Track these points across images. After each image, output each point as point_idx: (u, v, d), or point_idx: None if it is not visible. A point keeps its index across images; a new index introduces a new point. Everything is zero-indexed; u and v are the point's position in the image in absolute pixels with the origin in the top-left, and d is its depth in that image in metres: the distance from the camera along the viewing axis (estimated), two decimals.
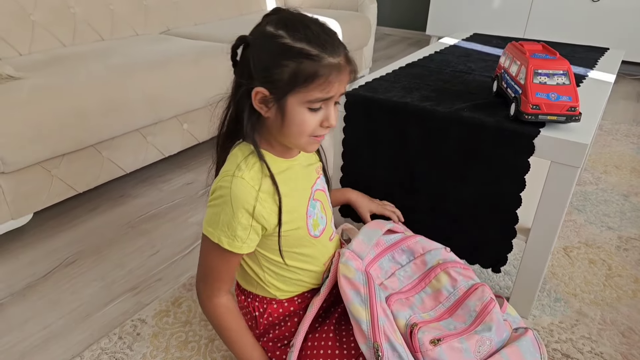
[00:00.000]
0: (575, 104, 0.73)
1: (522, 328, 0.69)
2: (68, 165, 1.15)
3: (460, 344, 0.61)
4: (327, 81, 0.57)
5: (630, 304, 0.95)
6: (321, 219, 0.73)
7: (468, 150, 0.82)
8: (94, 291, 0.99)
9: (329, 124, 0.61)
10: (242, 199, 0.61)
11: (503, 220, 0.83)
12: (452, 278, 0.71)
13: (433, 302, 0.69)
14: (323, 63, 0.57)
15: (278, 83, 0.58)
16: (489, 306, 0.66)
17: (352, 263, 0.68)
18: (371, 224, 0.77)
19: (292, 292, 0.74)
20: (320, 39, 0.57)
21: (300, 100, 0.59)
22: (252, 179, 0.62)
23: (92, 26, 1.56)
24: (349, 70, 0.61)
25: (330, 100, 0.61)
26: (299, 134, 0.61)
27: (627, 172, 1.52)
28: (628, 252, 1.12)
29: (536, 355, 0.65)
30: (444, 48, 1.36)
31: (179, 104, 1.36)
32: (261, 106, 0.61)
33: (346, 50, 0.61)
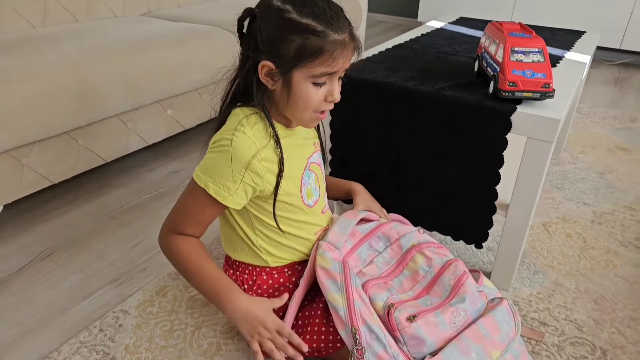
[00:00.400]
0: (549, 81, 0.76)
1: (497, 298, 0.72)
2: (40, 154, 1.09)
3: (436, 318, 0.64)
4: (332, 57, 0.60)
5: (602, 273, 1.00)
6: (315, 189, 0.76)
7: (449, 128, 0.84)
8: (72, 285, 0.95)
9: (332, 99, 0.64)
10: (241, 153, 0.63)
11: (483, 197, 0.86)
12: (427, 258, 0.74)
13: (411, 283, 0.71)
14: (328, 39, 0.59)
15: (284, 57, 0.60)
16: (462, 279, 0.69)
17: (328, 254, 0.70)
18: (346, 214, 0.79)
19: (283, 260, 0.76)
20: (326, 15, 0.60)
21: (306, 75, 0.61)
22: (254, 136, 0.64)
23: (64, 6, 1.48)
24: (353, 46, 0.63)
25: (335, 75, 0.63)
26: (305, 108, 0.64)
27: (603, 152, 1.57)
28: (601, 226, 1.17)
29: (510, 323, 0.68)
30: (431, 31, 1.38)
31: (162, 88, 1.31)
32: (267, 79, 0.64)
33: (351, 27, 0.63)
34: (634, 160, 1.51)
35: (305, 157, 0.74)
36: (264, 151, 0.65)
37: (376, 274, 0.72)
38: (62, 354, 0.79)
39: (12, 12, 1.37)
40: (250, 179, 0.65)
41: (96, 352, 0.80)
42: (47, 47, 1.18)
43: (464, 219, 0.91)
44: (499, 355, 0.63)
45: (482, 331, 0.65)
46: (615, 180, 1.39)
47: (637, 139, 1.68)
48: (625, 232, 1.15)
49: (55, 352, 0.80)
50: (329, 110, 0.69)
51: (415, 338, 0.62)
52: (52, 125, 1.07)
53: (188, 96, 1.44)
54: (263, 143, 0.65)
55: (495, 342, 0.64)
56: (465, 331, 0.64)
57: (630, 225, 1.17)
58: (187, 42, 1.38)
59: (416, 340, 0.62)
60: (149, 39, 1.32)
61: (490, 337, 0.64)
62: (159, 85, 1.30)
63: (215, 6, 1.88)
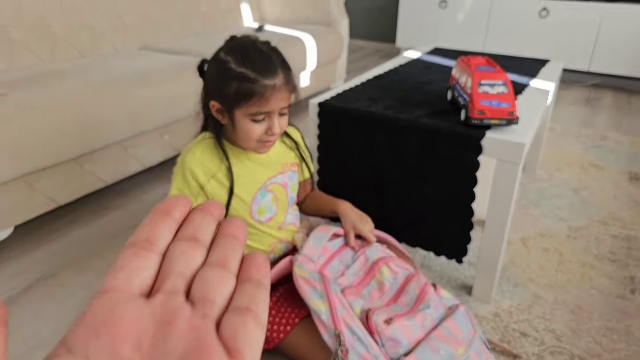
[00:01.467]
0: (513, 110, 0.85)
1: (454, 305, 0.80)
2: (50, 178, 1.18)
3: (409, 321, 0.72)
4: (263, 98, 0.71)
5: (578, 285, 1.07)
6: (269, 208, 0.84)
7: (427, 152, 0.91)
8: (77, 301, 1.01)
9: (271, 132, 0.75)
10: (188, 168, 0.76)
11: (460, 214, 0.93)
12: (392, 271, 0.82)
13: (379, 293, 0.79)
14: (259, 84, 0.71)
15: (227, 98, 0.73)
16: (425, 288, 0.79)
17: (305, 266, 0.77)
18: (319, 229, 0.86)
19: None
20: (257, 65, 0.71)
21: (244, 114, 0.73)
22: (201, 152, 0.77)
23: (71, 43, 1.60)
24: (287, 89, 0.74)
25: (271, 114, 0.74)
26: (247, 140, 0.76)
27: (577, 169, 1.67)
28: (577, 240, 1.24)
29: (469, 324, 0.77)
30: (408, 61, 1.48)
31: (159, 116, 1.41)
32: (218, 115, 0.76)
33: (286, 72, 0.74)
34: (606, 177, 1.61)
35: (264, 178, 0.83)
36: (210, 168, 0.77)
37: (348, 284, 0.79)
38: None
39: (24, 50, 1.47)
40: (195, 182, 0.77)
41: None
42: (57, 82, 1.28)
43: (444, 235, 0.97)
44: (464, 351, 0.71)
45: (447, 332, 0.73)
46: (589, 196, 1.48)
47: (608, 156, 1.78)
48: (599, 245, 1.22)
49: None
50: (274, 139, 0.78)
51: (392, 340, 0.69)
52: (61, 152, 1.17)
53: (183, 123, 1.53)
54: (212, 160, 0.77)
55: (460, 340, 0.72)
56: (432, 332, 0.72)
57: (604, 239, 1.25)
58: (182, 73, 1.48)
59: (393, 341, 0.69)
60: (147, 72, 1.42)
61: (454, 337, 0.72)
62: (157, 114, 1.40)
63: (205, 39, 1.99)
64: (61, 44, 1.57)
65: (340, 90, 1.13)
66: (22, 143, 1.07)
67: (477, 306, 0.99)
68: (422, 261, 1.14)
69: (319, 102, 1.03)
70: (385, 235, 0.95)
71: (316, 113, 1.03)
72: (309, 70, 2.12)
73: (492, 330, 0.93)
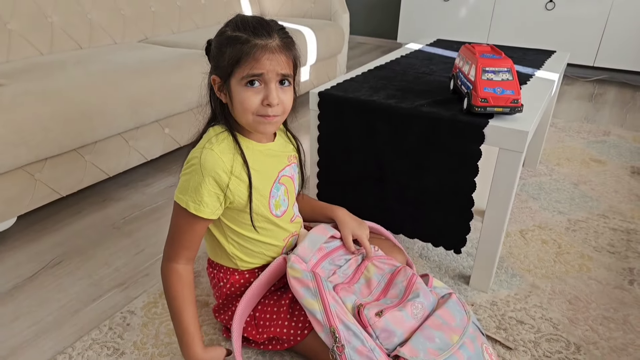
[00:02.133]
0: (517, 97, 0.84)
1: (447, 294, 0.81)
2: (51, 169, 1.18)
3: (400, 312, 0.72)
4: (254, 58, 0.67)
5: (576, 276, 1.07)
6: (283, 201, 0.82)
7: (428, 141, 0.91)
8: (82, 289, 1.02)
9: (268, 102, 0.70)
10: (209, 168, 0.71)
11: (460, 204, 0.93)
12: (378, 268, 0.83)
13: (368, 290, 0.79)
14: (250, 43, 0.67)
15: (223, 68, 0.70)
16: (412, 279, 0.79)
17: (297, 265, 0.77)
18: (316, 230, 0.85)
19: (253, 264, 0.83)
20: (252, 26, 0.68)
21: (237, 80, 0.69)
22: (221, 152, 0.72)
23: (69, 35, 1.59)
24: (285, 54, 0.70)
25: (266, 78, 0.69)
26: (243, 112, 0.71)
27: (578, 164, 1.67)
28: (576, 233, 1.24)
29: (462, 312, 0.77)
30: (410, 52, 1.47)
31: (161, 108, 1.40)
32: (220, 94, 0.73)
33: (285, 39, 0.71)
34: (607, 172, 1.61)
35: (277, 171, 0.81)
36: (229, 163, 0.72)
37: (338, 283, 0.80)
38: (75, 349, 0.86)
39: (22, 40, 1.47)
40: (221, 190, 0.72)
41: (107, 348, 0.86)
42: (56, 72, 1.27)
43: (443, 226, 0.97)
44: (458, 338, 0.71)
45: (440, 320, 0.73)
46: (589, 190, 1.48)
47: (610, 151, 1.78)
48: (598, 238, 1.22)
49: (70, 348, 0.86)
50: (275, 115, 0.72)
51: (385, 331, 0.69)
52: (63, 143, 1.16)
53: (184, 116, 1.53)
54: (229, 158, 0.73)
55: (453, 328, 0.73)
56: (426, 321, 0.73)
57: (604, 232, 1.25)
58: (183, 66, 1.47)
59: (387, 332, 0.69)
60: (148, 64, 1.41)
61: (448, 324, 0.73)
62: (158, 106, 1.40)
63: (206, 33, 1.98)
64: (59, 36, 1.56)
65: (340, 80, 1.13)
66: (23, 132, 1.07)
67: (474, 295, 1.00)
68: (421, 252, 1.15)
69: (319, 92, 1.03)
70: (376, 226, 0.96)
71: (316, 103, 1.03)
72: (309, 64, 2.11)
73: (489, 318, 0.93)
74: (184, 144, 1.57)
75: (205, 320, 0.92)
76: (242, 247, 0.81)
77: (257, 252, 0.82)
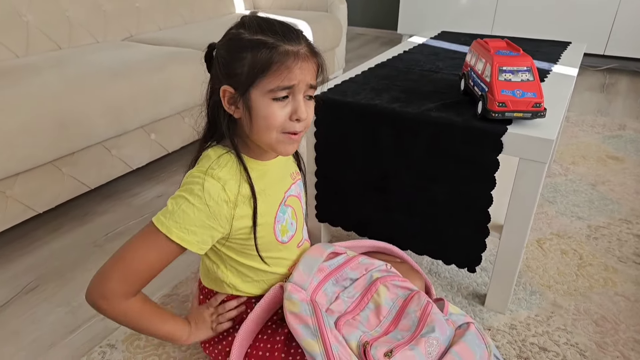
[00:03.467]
0: (540, 100, 0.74)
1: (464, 324, 0.71)
2: (24, 184, 1.08)
3: (412, 350, 0.62)
4: (285, 67, 0.56)
5: (601, 292, 0.97)
6: (291, 225, 0.72)
7: (438, 150, 0.81)
8: (58, 318, 0.93)
9: (297, 117, 0.59)
10: (209, 197, 0.60)
11: (475, 220, 0.83)
12: (390, 292, 0.72)
13: (377, 319, 0.69)
14: (279, 50, 0.57)
15: (240, 77, 0.58)
16: (427, 309, 0.68)
17: (295, 296, 0.67)
18: (311, 251, 0.75)
19: (248, 294, 0.74)
20: (276, 29, 0.58)
21: (262, 92, 0.58)
22: (225, 180, 0.61)
23: (47, 35, 1.48)
24: (314, 61, 0.60)
25: (295, 90, 0.59)
26: (267, 129, 0.60)
27: (594, 162, 1.56)
28: (597, 241, 1.15)
29: (482, 345, 0.67)
30: (413, 47, 1.36)
31: (145, 113, 1.30)
32: (230, 107, 0.61)
33: (310, 44, 0.60)
34: (626, 170, 1.50)
35: (282, 191, 0.71)
36: (232, 196, 0.61)
37: (342, 310, 0.70)
38: None
39: None
40: (219, 224, 0.62)
41: None
42: (29, 78, 1.16)
43: (455, 242, 0.87)
44: None
45: (458, 358, 0.64)
46: (609, 191, 1.37)
47: (628, 147, 1.67)
48: (622, 246, 1.12)
49: None
50: (301, 131, 0.63)
51: None
52: (35, 156, 1.06)
53: (171, 120, 1.43)
54: (234, 187, 0.62)
55: None
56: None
57: (628, 239, 1.15)
58: (168, 66, 1.37)
59: None
60: (130, 64, 1.31)
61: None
62: (141, 111, 1.29)
63: (195, 29, 1.87)
64: (36, 36, 1.45)
65: (339, 81, 1.02)
66: None
67: (491, 317, 0.90)
68: (430, 267, 1.05)
69: (316, 95, 0.92)
70: (389, 247, 0.85)
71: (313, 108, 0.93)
72: None
73: (508, 344, 0.84)
74: (172, 150, 1.47)
75: (194, 354, 0.83)
76: (241, 275, 0.72)
77: (257, 281, 0.73)
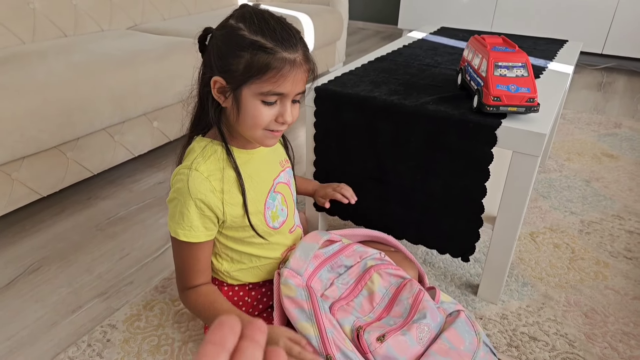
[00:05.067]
0: (534, 95, 0.76)
1: (455, 311, 0.74)
2: (29, 168, 1.11)
3: (404, 336, 0.65)
4: (280, 74, 0.59)
5: (592, 285, 1.00)
6: (281, 211, 0.75)
7: (434, 142, 0.83)
8: (61, 298, 0.95)
9: (283, 120, 0.63)
10: (196, 190, 0.63)
11: (470, 210, 0.85)
12: (384, 279, 0.75)
13: (370, 305, 0.72)
14: (277, 56, 0.58)
15: (234, 73, 0.60)
16: (419, 296, 0.71)
17: (291, 281, 0.69)
18: (307, 238, 0.78)
19: (242, 282, 0.77)
20: (277, 34, 0.59)
21: (254, 92, 0.60)
22: (209, 172, 0.65)
23: (53, 22, 1.50)
24: (306, 68, 0.62)
25: (285, 97, 0.62)
26: (253, 127, 0.63)
27: (589, 159, 1.58)
28: (590, 236, 1.17)
29: (471, 332, 0.70)
30: (412, 42, 1.38)
31: (148, 101, 1.32)
32: (219, 96, 0.63)
33: (305, 49, 0.62)
34: (620, 167, 1.52)
35: (270, 179, 0.73)
36: (218, 183, 0.65)
37: (337, 296, 0.72)
38: None
39: (2, 29, 1.37)
40: (212, 212, 0.66)
41: None
42: (36, 64, 1.18)
43: (450, 232, 0.90)
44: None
45: (448, 345, 0.66)
46: (602, 187, 1.40)
47: (622, 145, 1.70)
48: (614, 242, 1.15)
49: None
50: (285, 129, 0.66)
51: (387, 358, 0.62)
52: (41, 140, 1.08)
53: (173, 108, 1.45)
54: (218, 177, 0.65)
55: (462, 353, 0.66)
56: (432, 347, 0.65)
57: (619, 234, 1.17)
58: (171, 55, 1.38)
59: (389, 359, 0.62)
60: (134, 53, 1.32)
61: (456, 350, 0.66)
62: (145, 99, 1.31)
63: (198, 19, 1.89)
64: (42, 23, 1.47)
65: (339, 73, 1.04)
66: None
67: (483, 307, 0.93)
68: (425, 257, 1.08)
69: (316, 87, 0.94)
70: (384, 236, 0.88)
71: (312, 99, 0.94)
72: None
73: (499, 333, 0.87)
74: (173, 138, 1.50)
75: (192, 336, 0.85)
76: (235, 262, 0.75)
77: (252, 268, 0.75)
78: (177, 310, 0.91)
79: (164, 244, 1.13)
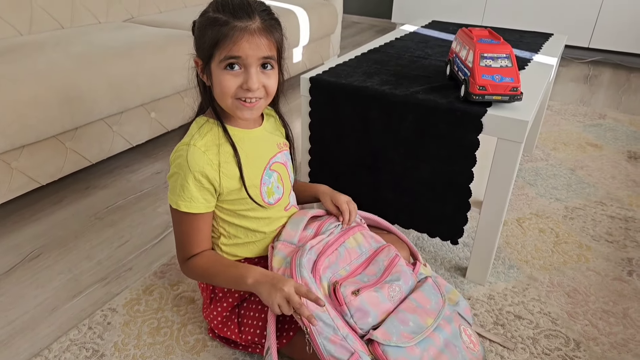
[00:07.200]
0: (517, 85, 0.80)
1: (423, 277, 0.81)
2: (29, 157, 1.12)
3: (376, 292, 0.71)
4: (233, 41, 0.64)
5: (575, 267, 1.05)
6: (277, 188, 0.79)
7: (424, 130, 0.87)
8: (61, 284, 0.97)
9: (247, 87, 0.67)
10: (195, 164, 0.68)
11: (458, 195, 0.89)
12: (366, 240, 0.81)
13: (348, 258, 0.77)
14: (229, 25, 0.64)
15: (204, 50, 0.67)
16: (394, 260, 0.77)
17: (282, 253, 0.74)
18: (296, 214, 0.82)
19: (238, 257, 0.80)
20: (233, 8, 0.65)
21: (217, 63, 0.67)
22: (205, 147, 0.70)
23: (50, 14, 1.51)
24: (267, 37, 0.66)
25: (246, 62, 0.66)
26: (222, 96, 0.68)
27: (574, 148, 1.63)
28: (573, 221, 1.22)
29: (437, 295, 0.77)
30: (404, 35, 1.41)
31: (146, 92, 1.34)
32: (203, 75, 0.70)
33: (266, 20, 0.67)
34: (604, 156, 1.58)
35: (266, 158, 0.78)
36: (215, 157, 0.70)
37: (322, 244, 0.76)
38: (52, 351, 0.81)
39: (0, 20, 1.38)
40: (210, 183, 0.70)
41: (86, 349, 0.82)
42: (35, 54, 1.19)
43: (439, 216, 0.94)
44: (433, 321, 0.71)
45: (415, 304, 0.73)
46: (586, 176, 1.45)
47: (607, 135, 1.75)
48: (596, 226, 1.20)
49: (46, 350, 0.81)
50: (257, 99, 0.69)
51: (360, 310, 0.68)
52: (40, 129, 1.10)
53: (171, 99, 1.47)
54: (214, 152, 0.70)
55: (428, 311, 0.72)
56: (401, 305, 0.72)
57: (601, 220, 1.23)
58: (169, 47, 1.40)
59: (362, 312, 0.68)
60: (132, 45, 1.34)
61: (422, 307, 0.72)
62: (142, 89, 1.33)
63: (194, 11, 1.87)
64: (39, 15, 1.48)
65: (333, 64, 1.07)
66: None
67: (471, 288, 0.97)
68: (416, 242, 1.12)
69: (311, 77, 0.97)
70: (376, 219, 0.92)
71: (307, 89, 0.98)
72: (302, 45, 2.03)
73: (486, 313, 0.91)
74: (171, 128, 1.52)
75: (191, 318, 0.88)
76: (231, 237, 0.78)
77: (247, 242, 0.79)
78: (176, 294, 0.94)
79: (163, 230, 1.16)
